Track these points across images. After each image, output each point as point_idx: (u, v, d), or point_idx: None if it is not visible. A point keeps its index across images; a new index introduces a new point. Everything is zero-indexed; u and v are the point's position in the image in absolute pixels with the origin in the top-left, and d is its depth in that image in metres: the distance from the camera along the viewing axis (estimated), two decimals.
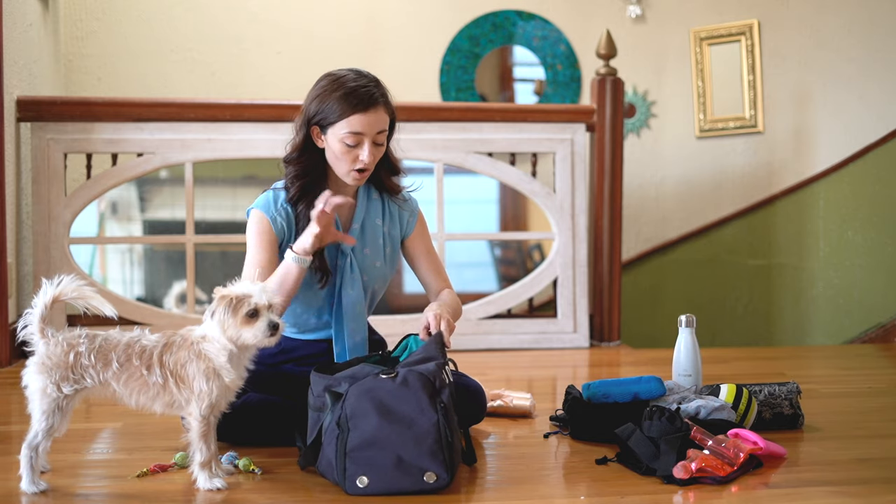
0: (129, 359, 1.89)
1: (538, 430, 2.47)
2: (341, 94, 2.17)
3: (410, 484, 1.88)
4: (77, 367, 1.87)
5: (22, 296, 3.79)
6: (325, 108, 2.19)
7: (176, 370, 1.90)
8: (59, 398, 1.87)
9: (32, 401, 1.89)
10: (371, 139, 2.20)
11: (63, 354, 1.87)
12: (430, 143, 3.98)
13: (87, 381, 1.88)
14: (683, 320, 2.55)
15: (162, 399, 1.92)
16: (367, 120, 2.18)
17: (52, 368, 1.87)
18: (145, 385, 1.90)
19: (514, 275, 5.02)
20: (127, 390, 1.90)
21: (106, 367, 1.88)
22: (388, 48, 4.92)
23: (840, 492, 1.95)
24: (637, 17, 5.04)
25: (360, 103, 2.16)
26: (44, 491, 1.90)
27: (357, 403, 1.92)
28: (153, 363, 1.89)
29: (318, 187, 2.24)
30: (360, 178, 2.25)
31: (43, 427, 1.88)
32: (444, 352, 2.13)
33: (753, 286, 5.05)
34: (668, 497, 1.91)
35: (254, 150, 3.83)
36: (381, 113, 2.20)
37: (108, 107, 3.81)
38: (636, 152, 5.03)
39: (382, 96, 2.21)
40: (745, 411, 2.33)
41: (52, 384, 1.86)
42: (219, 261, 4.59)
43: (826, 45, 4.92)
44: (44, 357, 1.87)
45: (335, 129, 2.19)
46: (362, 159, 2.19)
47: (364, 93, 2.17)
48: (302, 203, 2.25)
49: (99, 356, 1.88)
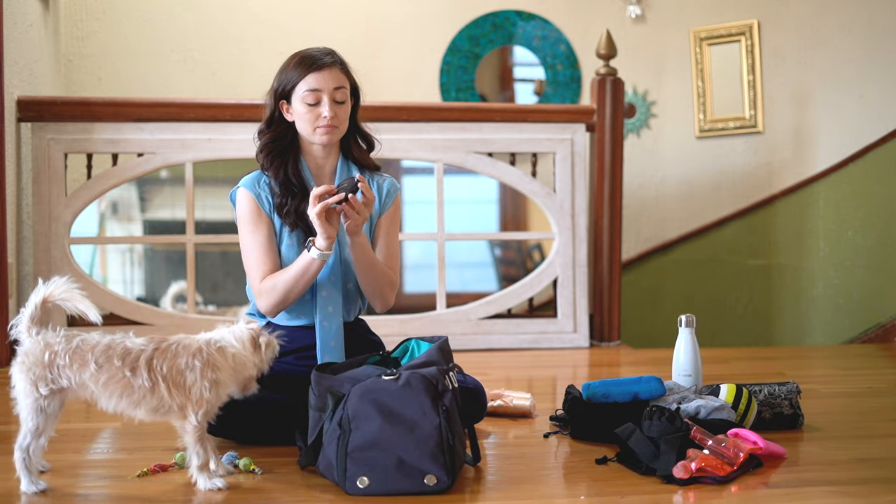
0: (110, 360, 1.87)
1: (538, 430, 2.47)
2: (297, 61, 2.35)
3: (411, 486, 1.88)
4: (53, 367, 1.86)
5: (22, 296, 3.79)
6: (285, 77, 2.36)
7: (170, 376, 1.88)
8: (39, 398, 1.86)
9: (18, 401, 1.89)
10: (329, 95, 2.31)
11: (40, 353, 1.86)
12: (430, 143, 3.98)
13: (63, 381, 1.87)
14: (683, 320, 2.55)
15: (148, 403, 1.89)
16: (322, 76, 2.31)
17: (30, 367, 1.86)
18: (128, 387, 1.88)
19: (514, 275, 5.03)
20: (106, 392, 1.88)
21: (83, 368, 1.86)
22: (388, 48, 4.93)
23: (840, 492, 1.95)
24: (637, 17, 5.04)
25: (313, 63, 2.32)
26: (43, 490, 1.89)
27: (359, 404, 1.92)
28: (139, 366, 1.87)
29: (289, 152, 2.39)
30: (327, 135, 2.33)
31: (29, 427, 1.87)
32: (448, 358, 2.14)
33: (753, 286, 5.06)
34: (668, 497, 1.91)
35: (254, 150, 3.80)
36: (335, 72, 2.33)
37: (108, 107, 3.81)
38: (636, 152, 5.03)
39: (337, 61, 2.35)
40: (745, 411, 2.33)
41: (30, 384, 1.86)
42: (219, 261, 4.60)
43: (826, 45, 4.92)
44: (23, 356, 1.88)
45: (296, 92, 2.33)
46: (324, 115, 2.30)
47: (317, 54, 2.33)
48: (272, 168, 2.38)
49: (75, 357, 1.86)
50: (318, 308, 2.35)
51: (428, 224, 4.00)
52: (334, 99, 2.31)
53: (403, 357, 2.33)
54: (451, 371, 2.06)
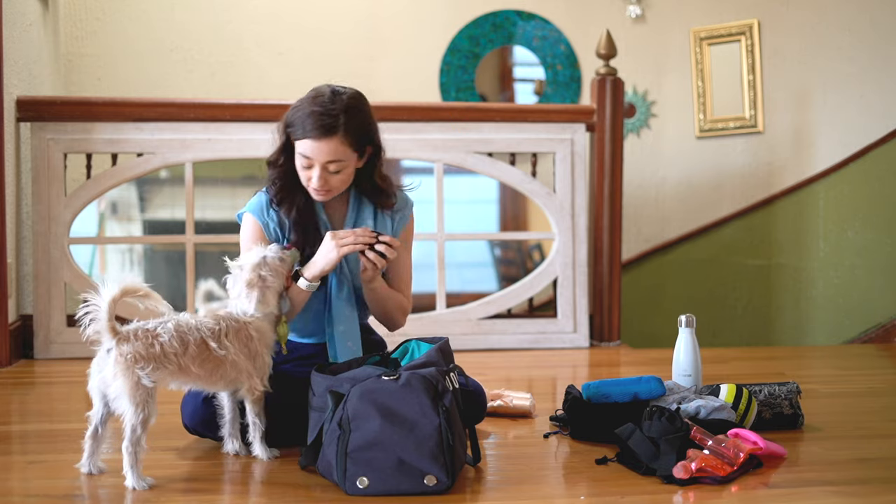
0: (203, 339, 2.00)
1: (538, 430, 2.47)
2: (304, 115, 2.20)
3: (410, 486, 1.88)
4: (162, 355, 1.93)
5: (22, 296, 3.79)
6: (294, 120, 2.23)
7: (248, 347, 2.06)
8: (150, 389, 1.92)
9: (121, 398, 1.92)
10: (321, 166, 2.21)
11: (145, 347, 1.92)
12: (430, 143, 3.98)
13: (168, 366, 1.95)
14: (683, 320, 2.55)
15: (228, 376, 2.05)
16: (317, 147, 2.19)
17: (136, 362, 1.90)
18: (220, 364, 2.02)
19: (514, 275, 5.02)
20: (204, 371, 2.01)
21: (185, 350, 1.96)
22: (388, 48, 4.93)
23: (840, 492, 1.95)
24: (637, 17, 5.04)
25: (313, 129, 2.17)
26: (151, 486, 1.94)
27: (359, 405, 1.92)
28: (223, 341, 2.02)
29: (298, 190, 2.30)
30: (318, 196, 2.27)
31: (140, 419, 1.91)
32: (448, 360, 2.14)
33: (753, 286, 5.05)
34: (668, 497, 1.91)
35: (254, 150, 3.83)
36: (334, 143, 2.18)
37: (108, 107, 3.81)
38: (636, 152, 5.03)
39: (343, 126, 2.18)
40: (745, 411, 2.33)
41: (134, 380, 1.90)
42: (219, 261, 4.59)
43: (826, 45, 4.92)
44: (127, 354, 1.90)
45: (297, 146, 2.23)
46: (312, 183, 2.23)
47: (322, 121, 2.17)
48: (283, 206, 2.31)
49: (179, 340, 1.96)
50: (336, 343, 2.32)
51: (428, 224, 4.00)
52: (326, 169, 2.21)
53: (403, 358, 2.33)
54: (452, 372, 2.06)
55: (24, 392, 3.16)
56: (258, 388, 2.09)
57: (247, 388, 2.09)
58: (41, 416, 2.79)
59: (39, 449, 2.32)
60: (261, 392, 2.10)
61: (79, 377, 3.36)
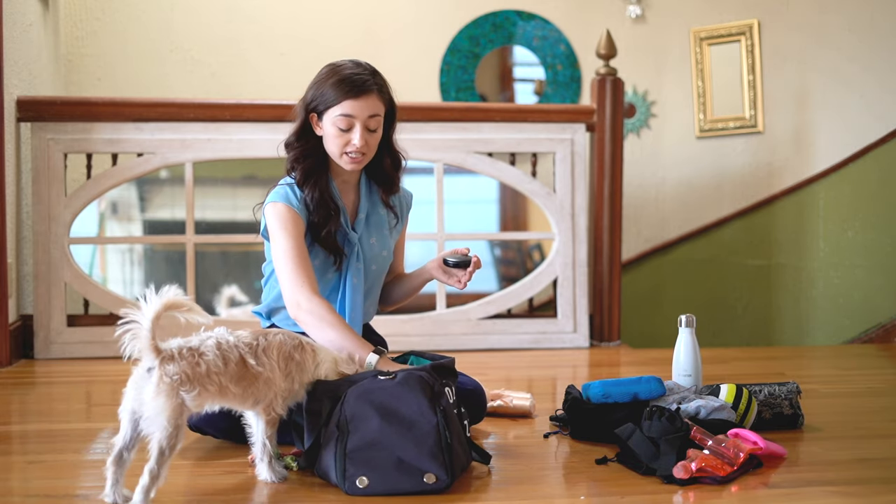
0: (241, 357, 1.87)
1: (538, 430, 2.47)
2: (336, 81, 2.27)
3: (410, 485, 1.88)
4: (206, 375, 1.80)
5: (22, 296, 3.79)
6: (321, 94, 2.29)
7: (287, 368, 1.95)
8: (183, 414, 1.77)
9: (157, 419, 1.74)
10: (363, 123, 2.27)
11: (191, 366, 1.78)
12: (430, 143, 3.98)
13: (210, 388, 1.81)
14: (683, 320, 2.55)
15: (258, 394, 1.91)
16: (359, 104, 2.26)
17: (185, 384, 1.77)
18: (254, 381, 1.89)
19: (514, 275, 5.02)
20: (240, 389, 1.87)
21: (225, 369, 1.84)
22: (388, 48, 4.93)
23: (840, 492, 1.95)
24: (637, 17, 5.04)
25: (352, 89, 2.26)
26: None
27: (357, 405, 1.93)
28: (261, 357, 1.90)
29: (321, 170, 2.34)
30: (354, 163, 2.32)
31: (172, 443, 1.75)
32: (446, 375, 2.11)
33: (753, 286, 5.05)
34: (668, 497, 1.91)
35: (254, 150, 3.83)
36: (373, 99, 2.28)
37: (108, 107, 3.81)
38: (636, 152, 5.03)
39: (376, 84, 2.29)
40: (745, 411, 2.33)
41: (190, 398, 1.77)
42: (219, 261, 4.59)
43: (826, 45, 4.92)
44: (173, 374, 1.76)
45: (329, 114, 2.28)
46: (354, 143, 2.28)
47: (357, 79, 2.27)
48: (307, 186, 2.32)
49: (222, 359, 1.84)
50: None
51: (428, 224, 4.00)
52: (367, 127, 2.28)
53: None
54: (448, 387, 2.04)
55: (24, 392, 3.16)
56: (277, 408, 1.94)
57: (266, 404, 1.94)
58: (41, 416, 2.79)
59: (39, 449, 2.32)
60: (277, 414, 1.95)
61: (79, 377, 3.39)
